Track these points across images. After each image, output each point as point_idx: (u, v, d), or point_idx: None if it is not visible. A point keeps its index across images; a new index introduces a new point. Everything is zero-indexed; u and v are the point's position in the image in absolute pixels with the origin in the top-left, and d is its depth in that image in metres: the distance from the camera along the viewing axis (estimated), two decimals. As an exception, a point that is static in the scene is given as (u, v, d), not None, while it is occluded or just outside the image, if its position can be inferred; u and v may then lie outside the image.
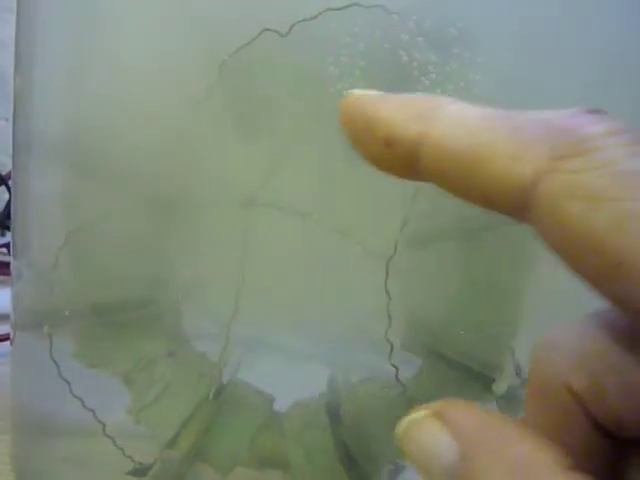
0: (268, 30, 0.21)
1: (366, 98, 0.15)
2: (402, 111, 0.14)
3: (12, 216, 0.28)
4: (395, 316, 0.24)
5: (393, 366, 0.24)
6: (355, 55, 0.21)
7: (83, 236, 0.24)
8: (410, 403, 0.27)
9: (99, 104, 0.23)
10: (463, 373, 0.26)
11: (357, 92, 0.16)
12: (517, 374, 0.26)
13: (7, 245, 0.47)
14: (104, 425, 0.27)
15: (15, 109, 0.26)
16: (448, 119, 0.13)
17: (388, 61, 0.21)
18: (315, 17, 0.20)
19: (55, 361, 0.25)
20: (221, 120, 0.23)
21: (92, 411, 0.26)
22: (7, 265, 0.48)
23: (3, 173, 0.52)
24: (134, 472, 0.28)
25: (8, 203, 0.54)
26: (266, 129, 0.23)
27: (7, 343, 0.38)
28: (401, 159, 0.14)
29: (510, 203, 0.12)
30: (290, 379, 0.28)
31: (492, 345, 0.26)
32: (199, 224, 0.24)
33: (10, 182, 0.53)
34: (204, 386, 0.28)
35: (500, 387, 0.26)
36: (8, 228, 0.52)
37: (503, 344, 0.26)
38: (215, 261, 0.25)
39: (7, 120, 0.64)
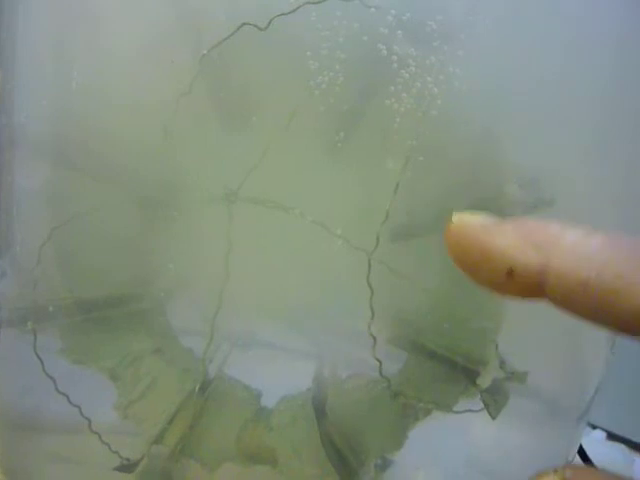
0: (247, 24, 0.21)
1: (478, 226, 0.15)
2: (521, 241, 0.15)
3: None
4: (379, 310, 0.24)
5: (377, 360, 0.24)
6: (334, 48, 0.21)
7: (67, 232, 0.24)
8: (395, 397, 0.27)
9: (82, 97, 0.23)
10: (448, 367, 0.26)
11: (464, 218, 0.16)
12: (501, 367, 0.26)
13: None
14: (90, 421, 0.27)
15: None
16: (569, 248, 0.14)
17: (367, 54, 0.21)
18: (294, 11, 0.20)
19: (39, 357, 0.25)
20: (203, 114, 0.23)
21: (78, 407, 0.26)
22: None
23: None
24: (121, 468, 0.28)
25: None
26: (247, 123, 0.23)
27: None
28: (523, 287, 0.14)
29: None
30: (277, 374, 0.28)
31: (476, 339, 0.26)
32: (183, 219, 0.24)
33: None
34: (190, 381, 0.28)
35: (485, 380, 0.26)
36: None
37: (487, 338, 0.26)
38: (199, 256, 0.25)
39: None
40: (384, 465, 0.30)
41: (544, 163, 0.24)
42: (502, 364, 0.26)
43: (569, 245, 0.14)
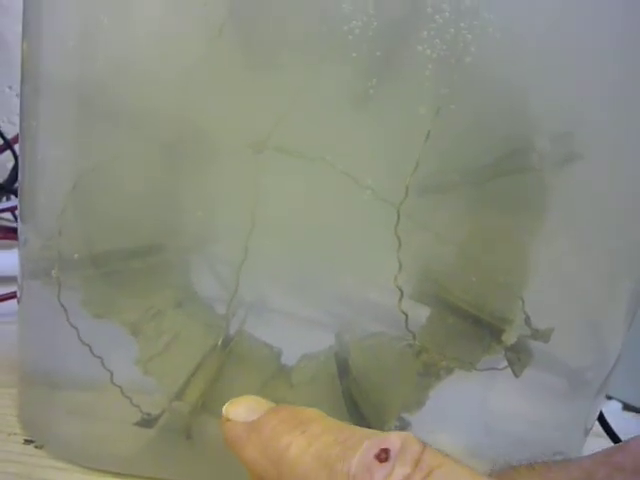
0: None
1: (235, 434, 0.19)
2: (261, 457, 0.18)
3: (19, 178, 0.28)
4: (404, 264, 0.24)
5: (403, 313, 0.24)
6: (368, -8, 0.21)
7: (92, 180, 0.24)
8: (419, 354, 0.27)
9: (109, 41, 0.22)
10: (472, 323, 0.26)
11: (229, 412, 0.20)
12: (527, 324, 0.26)
13: (11, 209, 0.47)
14: (112, 373, 0.27)
15: (23, 75, 0.26)
16: (291, 467, 0.17)
17: (401, -2, 0.21)
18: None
19: (63, 306, 0.25)
20: (232, 60, 0.22)
21: (100, 358, 0.26)
22: (11, 230, 0.48)
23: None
24: (141, 423, 0.28)
25: (13, 168, 0.54)
26: (277, 70, 0.22)
27: (13, 302, 0.38)
28: None
29: None
30: (299, 331, 0.28)
31: (502, 295, 0.26)
32: (210, 169, 0.24)
33: (16, 147, 0.53)
34: (212, 337, 0.28)
35: (510, 337, 0.26)
36: (15, 193, 0.52)
37: (513, 294, 0.25)
38: (225, 207, 0.25)
39: (11, 88, 0.64)
40: (402, 427, 0.30)
41: (576, 116, 0.24)
42: (527, 321, 0.26)
43: (291, 461, 0.17)
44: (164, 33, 0.23)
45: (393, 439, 0.16)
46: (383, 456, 0.15)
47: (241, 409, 0.20)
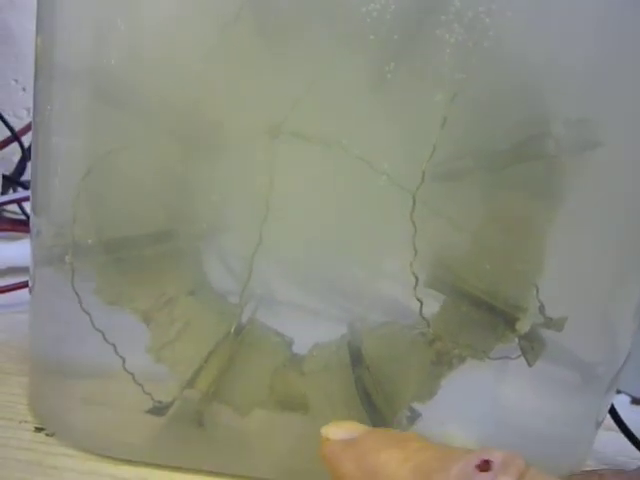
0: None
1: (333, 451, 0.19)
2: (358, 473, 0.18)
3: (32, 170, 0.27)
4: (419, 251, 0.24)
5: (418, 300, 0.24)
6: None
7: (106, 166, 0.24)
8: (432, 343, 0.27)
9: (123, 27, 0.22)
10: (486, 311, 0.26)
11: (328, 433, 0.20)
12: (541, 313, 0.26)
13: (17, 201, 0.47)
14: (124, 360, 0.27)
15: (36, 69, 0.26)
16: None
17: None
18: None
19: (77, 292, 0.25)
20: (248, 44, 0.22)
21: (112, 345, 0.26)
22: (18, 222, 0.48)
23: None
24: (153, 411, 0.28)
25: (21, 160, 0.54)
26: (293, 54, 0.22)
27: (22, 292, 0.38)
28: None
29: None
30: (310, 323, 0.28)
31: (516, 283, 0.25)
32: (224, 155, 0.24)
33: (22, 139, 0.53)
34: (224, 325, 0.28)
35: (524, 325, 0.25)
36: (21, 185, 0.52)
37: (528, 282, 0.25)
38: (240, 193, 0.25)
39: (17, 81, 0.64)
40: (412, 418, 0.30)
41: (594, 102, 0.23)
42: (541, 309, 0.25)
43: (390, 476, 0.17)
44: (179, 20, 0.23)
45: (495, 453, 0.16)
46: (485, 467, 0.15)
47: (339, 429, 0.21)
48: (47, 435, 0.29)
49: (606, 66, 0.23)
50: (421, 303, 0.24)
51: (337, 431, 0.21)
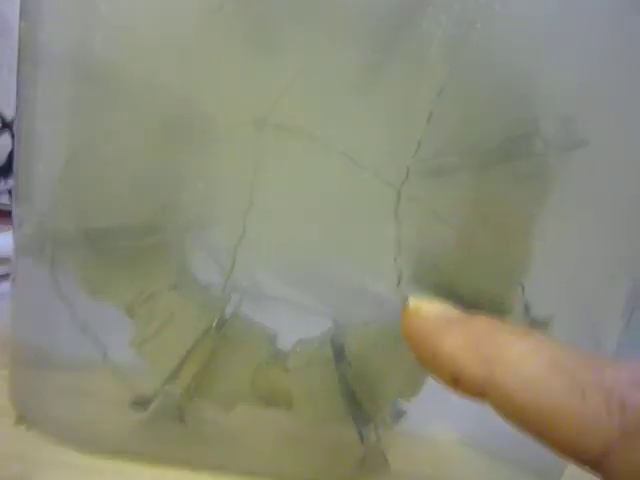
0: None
1: (431, 322, 0.16)
2: (467, 351, 0.16)
3: (15, 156, 0.27)
4: (403, 247, 0.24)
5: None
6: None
7: (87, 155, 0.24)
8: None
9: (108, 13, 0.22)
10: (471, 309, 0.25)
11: (420, 307, 0.17)
12: (526, 312, 0.26)
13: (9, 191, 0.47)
14: (105, 353, 0.26)
15: (20, 55, 0.25)
16: (511, 367, 0.15)
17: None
18: None
19: (58, 284, 0.25)
20: (232, 34, 0.22)
21: (94, 338, 0.26)
22: (7, 213, 0.47)
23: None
24: (134, 405, 0.28)
25: (11, 152, 0.54)
26: (279, 44, 0.22)
27: (5, 284, 0.38)
28: (468, 392, 0.16)
29: (579, 460, 0.13)
30: (294, 318, 0.28)
31: (502, 282, 0.25)
32: (209, 146, 0.24)
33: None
34: (206, 319, 0.27)
35: (509, 324, 0.25)
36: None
37: (513, 280, 0.25)
38: (224, 185, 0.24)
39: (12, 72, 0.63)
40: (397, 415, 0.30)
41: (581, 101, 0.23)
42: (527, 308, 0.25)
43: (513, 362, 0.15)
44: (163, 5, 0.22)
45: None
46: None
47: (433, 306, 0.18)
48: (28, 428, 0.28)
49: (594, 64, 0.23)
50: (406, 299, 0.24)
51: (431, 308, 0.18)
